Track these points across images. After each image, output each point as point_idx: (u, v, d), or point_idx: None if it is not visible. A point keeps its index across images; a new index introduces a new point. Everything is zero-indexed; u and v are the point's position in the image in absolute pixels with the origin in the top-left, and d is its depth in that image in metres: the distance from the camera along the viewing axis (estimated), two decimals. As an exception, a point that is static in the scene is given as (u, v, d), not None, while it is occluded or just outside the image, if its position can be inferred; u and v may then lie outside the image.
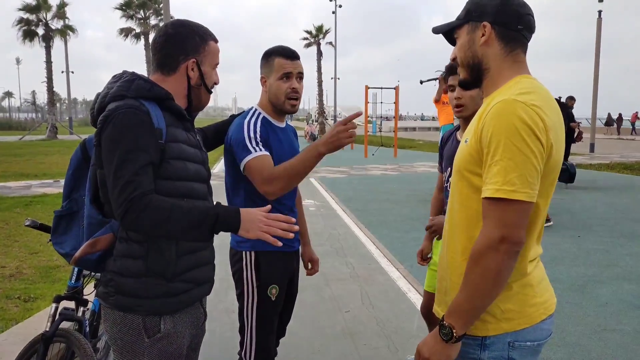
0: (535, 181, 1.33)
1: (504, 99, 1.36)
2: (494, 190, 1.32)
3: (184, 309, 1.66)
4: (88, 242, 1.59)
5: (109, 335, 1.65)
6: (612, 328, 3.86)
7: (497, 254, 1.32)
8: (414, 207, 8.91)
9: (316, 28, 40.60)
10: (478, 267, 1.34)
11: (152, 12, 36.20)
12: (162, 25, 1.75)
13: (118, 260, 1.60)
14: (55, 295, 2.52)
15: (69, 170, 1.77)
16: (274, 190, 2.09)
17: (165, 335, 1.62)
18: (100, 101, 1.62)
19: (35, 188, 10.92)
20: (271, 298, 2.24)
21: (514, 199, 1.30)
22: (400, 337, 3.70)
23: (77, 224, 1.76)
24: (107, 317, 1.65)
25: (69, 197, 1.78)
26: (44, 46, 33.44)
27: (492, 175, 1.33)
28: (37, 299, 4.35)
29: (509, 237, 1.31)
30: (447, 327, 1.38)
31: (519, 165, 1.30)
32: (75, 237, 1.75)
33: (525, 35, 1.49)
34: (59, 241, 1.77)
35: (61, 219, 1.78)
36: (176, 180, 1.61)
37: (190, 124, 1.76)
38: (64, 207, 1.78)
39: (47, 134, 33.20)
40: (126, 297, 1.59)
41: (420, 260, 2.85)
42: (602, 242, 6.45)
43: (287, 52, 2.25)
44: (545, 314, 1.48)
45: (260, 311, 2.25)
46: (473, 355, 1.46)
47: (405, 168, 15.74)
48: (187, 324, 1.70)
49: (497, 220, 1.32)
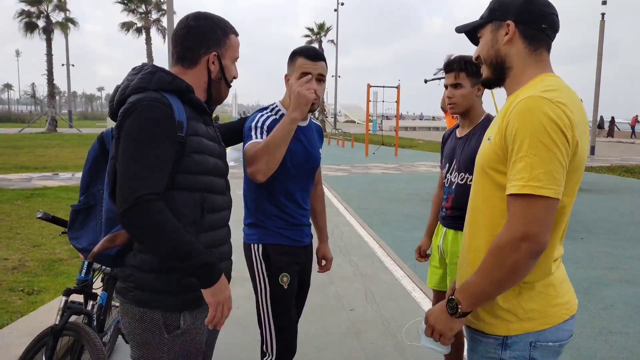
0: (562, 177, 1.32)
1: (530, 96, 1.35)
2: (520, 186, 1.30)
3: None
4: (107, 237, 1.56)
5: (127, 331, 1.63)
6: (618, 331, 3.85)
7: (517, 252, 1.31)
8: (415, 206, 8.91)
9: (318, 25, 40.57)
10: (496, 260, 1.34)
11: (154, 7, 36.11)
12: (183, 17, 1.72)
13: (138, 254, 1.58)
14: (65, 289, 2.50)
15: (87, 163, 1.72)
16: (257, 169, 2.04)
17: (185, 331, 1.61)
18: (120, 93, 1.59)
19: (36, 181, 10.88)
20: (283, 286, 2.25)
21: (541, 195, 1.29)
22: (406, 337, 3.69)
23: (95, 219, 1.71)
24: (125, 313, 1.63)
25: (87, 191, 1.73)
26: (45, 39, 33.36)
27: (517, 171, 1.32)
28: (41, 291, 4.33)
29: (533, 236, 1.29)
30: (455, 302, 1.41)
31: (545, 162, 1.29)
32: (93, 231, 1.70)
33: (549, 35, 1.48)
34: (76, 236, 1.72)
35: (78, 213, 1.73)
36: (196, 174, 1.60)
37: (209, 118, 1.75)
38: (81, 201, 1.73)
39: (47, 127, 33.14)
40: (145, 292, 1.58)
41: (419, 257, 2.88)
42: (606, 244, 6.46)
43: (309, 52, 2.24)
44: (567, 314, 1.47)
45: (275, 300, 2.25)
46: (494, 354, 1.46)
47: (406, 167, 15.73)
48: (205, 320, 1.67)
49: (522, 216, 1.30)
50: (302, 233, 2.38)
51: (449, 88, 2.50)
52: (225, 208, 1.75)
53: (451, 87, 2.49)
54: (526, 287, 1.42)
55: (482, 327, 1.48)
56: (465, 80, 2.44)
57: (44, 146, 20.24)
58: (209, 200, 1.63)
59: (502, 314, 1.43)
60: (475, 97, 2.48)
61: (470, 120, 2.52)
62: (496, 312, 1.44)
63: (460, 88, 2.46)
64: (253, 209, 2.30)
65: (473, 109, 2.50)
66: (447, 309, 1.44)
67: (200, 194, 1.61)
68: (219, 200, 1.70)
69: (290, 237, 2.32)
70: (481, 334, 1.49)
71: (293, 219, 2.32)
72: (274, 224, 2.28)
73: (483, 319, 1.47)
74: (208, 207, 1.63)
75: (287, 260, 2.30)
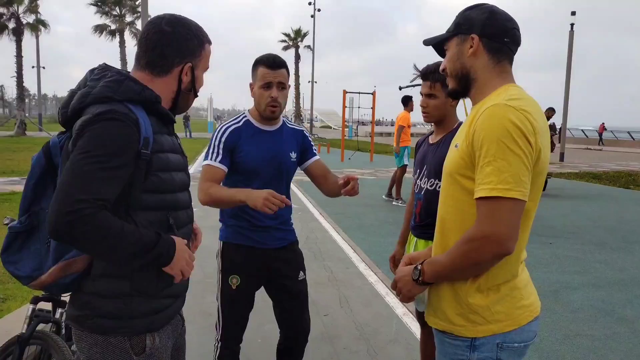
0: (528, 180, 1.38)
1: (495, 104, 1.41)
2: (489, 189, 1.35)
3: (169, 322, 1.59)
4: (59, 266, 1.43)
5: (85, 357, 1.49)
6: (584, 333, 3.96)
7: (481, 252, 1.38)
8: (390, 211, 8.99)
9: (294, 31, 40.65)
10: (463, 251, 1.41)
11: (128, 9, 35.66)
12: (153, 18, 1.57)
13: (97, 280, 1.46)
14: (33, 297, 2.45)
15: (30, 179, 1.51)
16: (200, 199, 2.29)
17: (154, 350, 1.54)
18: (79, 100, 1.43)
19: (3, 185, 10.60)
20: (231, 286, 2.44)
21: (509, 197, 1.34)
22: (379, 341, 3.72)
23: (37, 242, 1.50)
24: (82, 339, 1.49)
25: (29, 211, 1.51)
26: (15, 40, 32.55)
27: (485, 175, 1.37)
28: (7, 299, 4.23)
29: (499, 239, 1.35)
30: (420, 270, 1.53)
31: (512, 165, 1.35)
32: (36, 256, 1.48)
33: (511, 48, 1.56)
34: (12, 260, 1.48)
35: (17, 235, 1.50)
36: (162, 193, 1.51)
37: (172, 127, 1.65)
38: (22, 221, 1.50)
39: (16, 131, 32.22)
40: (107, 320, 1.46)
41: (393, 267, 2.85)
42: (574, 249, 6.63)
43: (269, 61, 2.35)
44: (532, 316, 1.53)
45: (224, 296, 2.46)
46: (462, 356, 1.50)
47: (382, 173, 15.85)
48: (169, 335, 1.62)
49: (490, 217, 1.36)
50: (268, 236, 2.45)
51: (423, 97, 2.52)
52: (189, 222, 1.67)
53: (425, 97, 2.51)
54: (493, 290, 1.47)
55: (450, 329, 1.52)
56: (439, 91, 2.45)
57: (12, 150, 19.71)
58: (173, 218, 1.54)
59: (471, 316, 1.48)
60: (449, 106, 2.50)
61: (443, 128, 2.55)
62: (465, 314, 1.48)
63: (434, 98, 2.48)
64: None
65: (447, 117, 2.52)
66: (412, 274, 1.55)
67: (164, 212, 1.52)
68: (182, 216, 1.61)
69: (252, 238, 2.43)
70: (450, 336, 1.53)
71: (256, 220, 2.40)
72: (235, 222, 2.44)
73: (452, 321, 1.51)
74: (173, 224, 1.53)
75: (245, 261, 2.43)
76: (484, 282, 1.47)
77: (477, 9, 1.56)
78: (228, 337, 2.48)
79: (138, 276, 1.48)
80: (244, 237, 2.42)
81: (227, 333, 2.48)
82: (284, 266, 2.50)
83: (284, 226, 2.51)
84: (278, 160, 2.42)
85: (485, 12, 1.54)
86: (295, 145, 2.52)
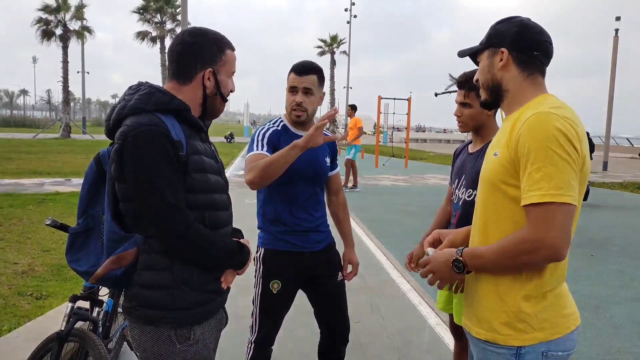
0: (577, 185, 1.39)
1: (539, 111, 1.42)
2: (540, 195, 1.36)
3: (213, 316, 1.66)
4: (111, 259, 1.57)
5: (136, 344, 1.63)
6: (626, 350, 3.80)
7: (535, 255, 1.38)
8: (424, 219, 8.86)
9: (331, 37, 40.82)
10: (512, 251, 1.40)
11: (169, 17, 36.59)
12: (179, 32, 1.72)
13: (143, 273, 1.59)
14: (72, 295, 2.52)
15: (84, 186, 1.70)
16: (251, 179, 2.22)
17: (196, 342, 1.63)
18: (117, 113, 1.59)
19: (48, 186, 11.01)
20: (272, 291, 2.46)
21: (562, 202, 1.35)
22: (411, 351, 3.66)
23: (94, 241, 1.69)
24: (134, 328, 1.63)
25: (85, 214, 1.71)
26: (61, 46, 33.88)
27: (535, 181, 1.37)
28: (49, 296, 4.37)
29: (553, 243, 1.35)
30: (462, 263, 1.50)
31: (561, 170, 1.36)
32: (93, 253, 1.67)
33: (542, 61, 1.56)
34: (75, 258, 1.69)
35: (77, 236, 1.70)
36: (198, 192, 1.60)
37: (205, 134, 1.75)
38: (79, 224, 1.71)
39: (61, 133, 33.57)
40: (154, 310, 1.58)
41: (408, 264, 2.58)
42: (616, 262, 6.38)
43: (297, 68, 2.42)
44: (574, 325, 1.52)
45: (263, 301, 2.48)
46: None
47: (416, 179, 15.70)
48: (213, 329, 1.71)
49: (545, 223, 1.36)
50: (307, 239, 2.49)
51: (458, 105, 2.46)
52: (228, 223, 1.77)
53: (460, 105, 2.44)
54: (540, 297, 1.47)
55: (495, 338, 1.51)
56: (474, 100, 2.36)
57: (57, 152, 20.49)
58: (211, 218, 1.64)
59: (518, 324, 1.47)
60: (485, 116, 2.41)
61: (482, 138, 2.46)
62: (512, 322, 1.48)
63: (468, 107, 2.41)
64: (260, 213, 2.51)
65: (485, 126, 2.44)
66: (454, 267, 1.52)
67: (201, 212, 1.61)
68: (221, 216, 1.70)
69: (291, 243, 2.46)
70: (494, 345, 1.51)
71: (295, 225, 2.43)
72: (275, 228, 2.46)
73: (497, 330, 1.50)
74: (210, 224, 1.63)
75: (285, 265, 2.45)
76: (532, 289, 1.46)
77: (509, 22, 1.58)
78: (263, 339, 2.52)
79: (179, 268, 1.57)
80: (284, 243, 2.45)
81: (262, 335, 2.51)
82: (322, 268, 2.56)
83: (321, 229, 2.55)
84: (315, 165, 2.47)
85: (516, 25, 1.56)
86: (327, 151, 2.58)
